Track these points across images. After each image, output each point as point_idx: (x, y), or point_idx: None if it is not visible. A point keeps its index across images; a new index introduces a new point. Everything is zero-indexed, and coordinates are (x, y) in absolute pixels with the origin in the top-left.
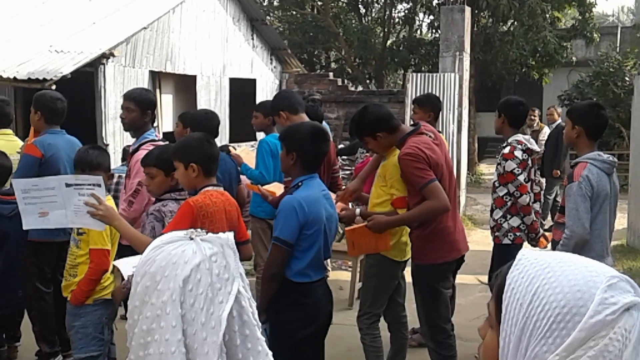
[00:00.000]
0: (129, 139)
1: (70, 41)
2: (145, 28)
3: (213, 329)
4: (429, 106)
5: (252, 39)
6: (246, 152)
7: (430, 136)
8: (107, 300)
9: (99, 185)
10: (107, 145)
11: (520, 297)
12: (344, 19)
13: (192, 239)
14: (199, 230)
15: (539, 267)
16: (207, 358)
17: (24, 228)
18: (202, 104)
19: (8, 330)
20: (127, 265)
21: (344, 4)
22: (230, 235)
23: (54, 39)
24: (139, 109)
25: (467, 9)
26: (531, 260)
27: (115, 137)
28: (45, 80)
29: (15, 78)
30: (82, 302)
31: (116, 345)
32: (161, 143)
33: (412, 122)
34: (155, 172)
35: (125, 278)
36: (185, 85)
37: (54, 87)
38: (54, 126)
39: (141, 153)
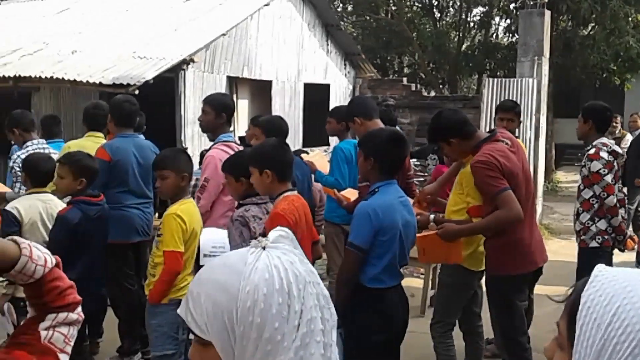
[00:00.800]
0: (206, 143)
1: (152, 47)
2: (224, 34)
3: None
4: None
5: (327, 44)
6: (320, 157)
7: (506, 143)
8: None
9: None
10: (186, 148)
11: (597, 317)
12: (418, 24)
13: (264, 248)
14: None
15: (619, 285)
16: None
17: None
18: (276, 109)
19: (92, 326)
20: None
21: (419, 9)
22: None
23: (137, 46)
24: (213, 112)
25: (547, 13)
26: (609, 277)
27: (194, 141)
28: (129, 85)
29: (100, 83)
30: (157, 301)
31: None
32: (234, 145)
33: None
34: (226, 178)
35: (202, 255)
36: (261, 90)
37: (137, 92)
38: (125, 129)
39: (213, 152)
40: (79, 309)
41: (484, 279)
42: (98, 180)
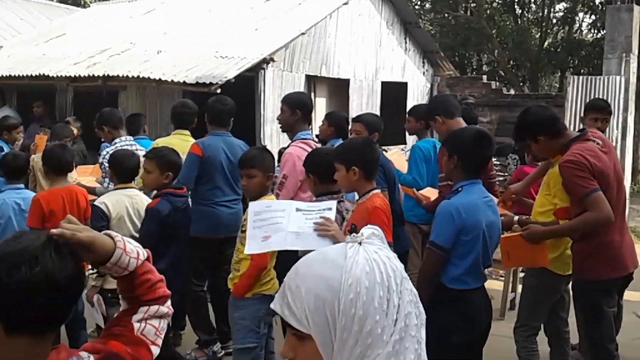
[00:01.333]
0: (285, 141)
1: (234, 47)
2: (303, 34)
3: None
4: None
5: (405, 42)
6: (398, 155)
7: (597, 143)
8: (266, 296)
9: (330, 209)
10: (265, 146)
11: None
12: (498, 20)
13: (360, 244)
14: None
15: None
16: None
17: (247, 252)
18: (354, 107)
19: (174, 318)
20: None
21: (499, 5)
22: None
23: (220, 45)
24: (289, 110)
25: (636, 8)
26: None
27: (272, 139)
28: (211, 84)
29: (184, 82)
30: (242, 295)
31: (275, 340)
32: (312, 142)
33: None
34: (308, 175)
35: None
36: (339, 88)
37: (219, 90)
38: (218, 128)
39: (291, 149)
40: (169, 302)
41: (571, 283)
42: (190, 173)
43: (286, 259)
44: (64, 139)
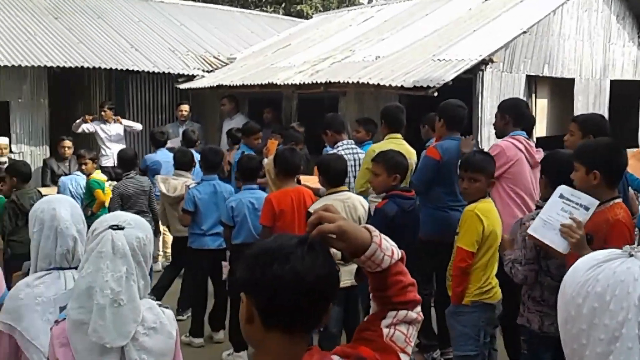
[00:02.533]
0: None
1: (451, 50)
2: (524, 32)
3: None
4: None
5: (638, 37)
6: (636, 158)
7: None
8: (487, 304)
9: (587, 209)
10: (482, 149)
11: None
12: None
13: (632, 255)
14: (636, 246)
15: None
16: None
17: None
18: (579, 108)
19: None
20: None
21: None
22: None
23: (437, 49)
24: (499, 114)
25: None
26: None
27: (490, 141)
28: (428, 87)
29: (402, 86)
30: (456, 302)
31: (498, 352)
32: (522, 137)
33: None
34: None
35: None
36: (562, 89)
37: (436, 94)
38: (454, 132)
39: (501, 142)
40: (419, 308)
41: None
42: (425, 176)
43: None
44: (297, 143)
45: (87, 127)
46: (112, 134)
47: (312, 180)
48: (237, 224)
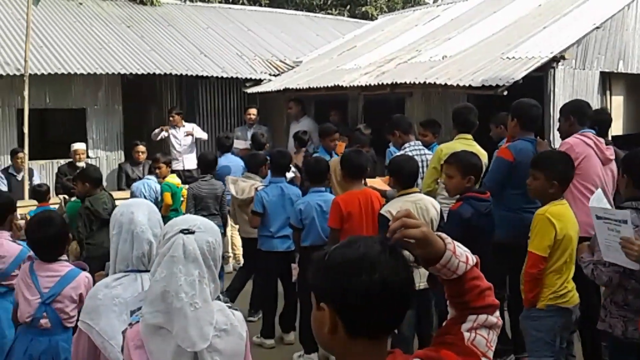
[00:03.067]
0: None
1: (521, 47)
2: (598, 27)
3: None
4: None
5: None
6: None
7: None
8: (562, 309)
9: (625, 222)
10: (554, 149)
11: None
12: None
13: None
14: None
15: None
16: None
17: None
18: None
19: None
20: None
21: None
22: None
23: (506, 46)
24: (562, 117)
25: None
26: None
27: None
28: (497, 86)
29: (470, 86)
30: (528, 305)
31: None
32: (590, 134)
33: None
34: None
35: None
36: (638, 85)
37: (505, 92)
38: (528, 132)
39: (570, 139)
40: (498, 312)
41: None
42: (497, 177)
43: None
44: (363, 145)
45: (163, 134)
46: (181, 139)
47: (378, 183)
48: (305, 226)
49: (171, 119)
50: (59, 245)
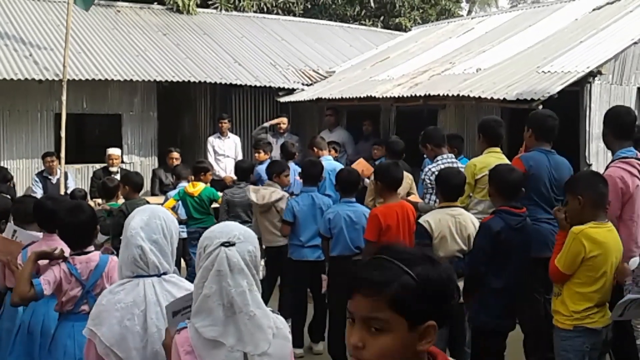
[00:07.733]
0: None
1: (556, 62)
2: (635, 43)
3: None
4: None
5: None
6: None
7: None
8: (590, 330)
9: None
10: (590, 165)
11: None
12: None
13: None
14: None
15: None
16: None
17: None
18: None
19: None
20: None
21: None
22: None
23: (541, 60)
24: (603, 126)
25: None
26: None
27: (599, 157)
28: (532, 100)
29: (504, 99)
30: (562, 325)
31: None
32: (634, 160)
33: None
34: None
35: None
36: None
37: (540, 107)
38: (543, 144)
39: (610, 170)
40: None
41: None
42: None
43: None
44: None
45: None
46: (224, 149)
47: (362, 164)
48: (333, 236)
49: (220, 126)
50: (90, 233)
